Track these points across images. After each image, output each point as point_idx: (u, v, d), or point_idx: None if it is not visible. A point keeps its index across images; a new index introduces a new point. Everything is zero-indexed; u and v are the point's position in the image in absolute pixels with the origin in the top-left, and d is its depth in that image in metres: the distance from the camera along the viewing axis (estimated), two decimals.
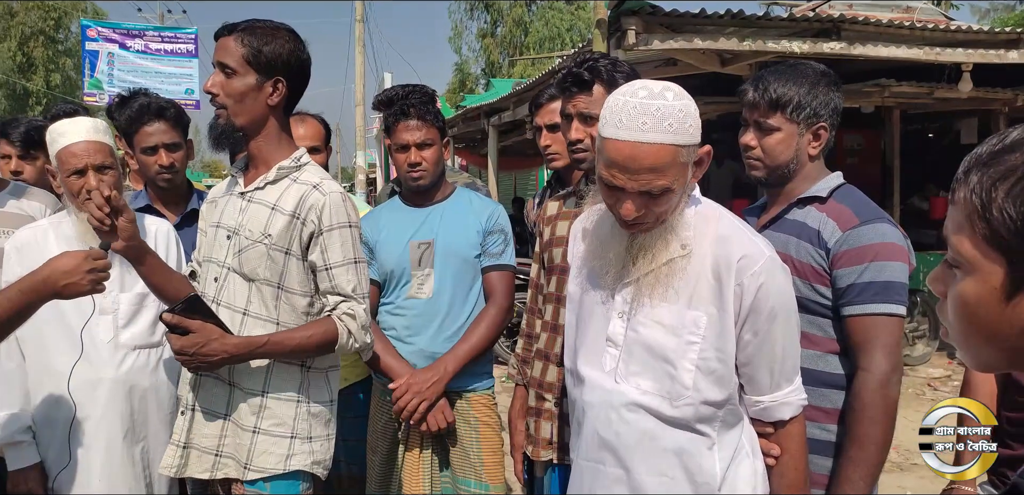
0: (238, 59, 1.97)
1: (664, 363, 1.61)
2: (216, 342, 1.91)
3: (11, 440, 2.23)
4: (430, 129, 2.63)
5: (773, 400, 1.66)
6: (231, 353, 1.93)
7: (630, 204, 1.55)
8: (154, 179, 2.74)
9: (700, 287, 1.59)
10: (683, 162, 1.53)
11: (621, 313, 1.65)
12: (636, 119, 1.49)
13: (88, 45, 16.49)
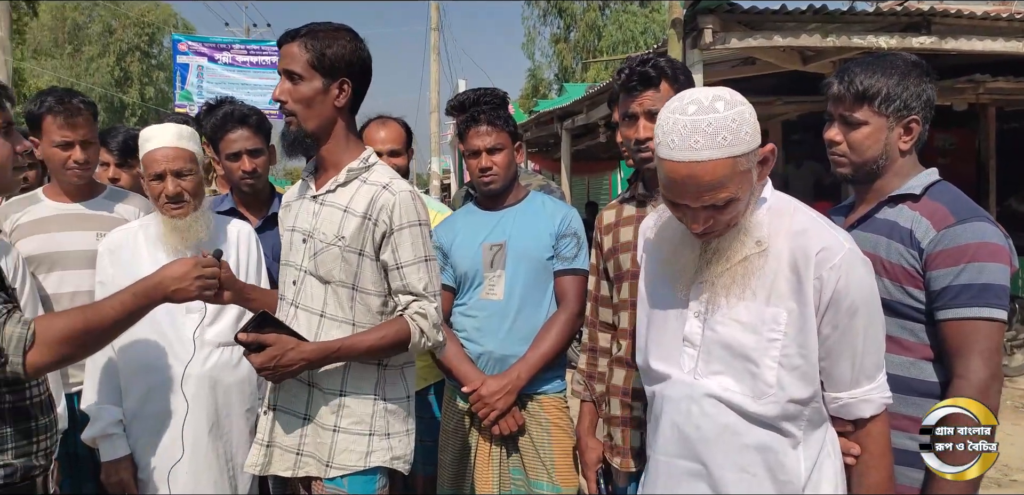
0: (303, 64, 1.99)
1: (745, 361, 1.59)
2: (292, 352, 1.95)
3: (104, 432, 2.36)
4: (500, 134, 2.64)
5: (853, 397, 1.62)
6: (308, 359, 1.97)
7: (697, 222, 1.55)
8: (238, 184, 2.85)
9: (778, 283, 1.57)
10: (743, 170, 1.51)
11: (697, 313, 1.65)
12: (689, 138, 1.48)
13: (179, 58, 17.31)
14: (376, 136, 2.98)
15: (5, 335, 1.56)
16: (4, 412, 1.66)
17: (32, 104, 2.70)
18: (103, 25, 34.77)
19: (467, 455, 2.68)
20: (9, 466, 1.65)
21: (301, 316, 2.07)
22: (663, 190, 1.58)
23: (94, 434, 2.37)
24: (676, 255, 1.69)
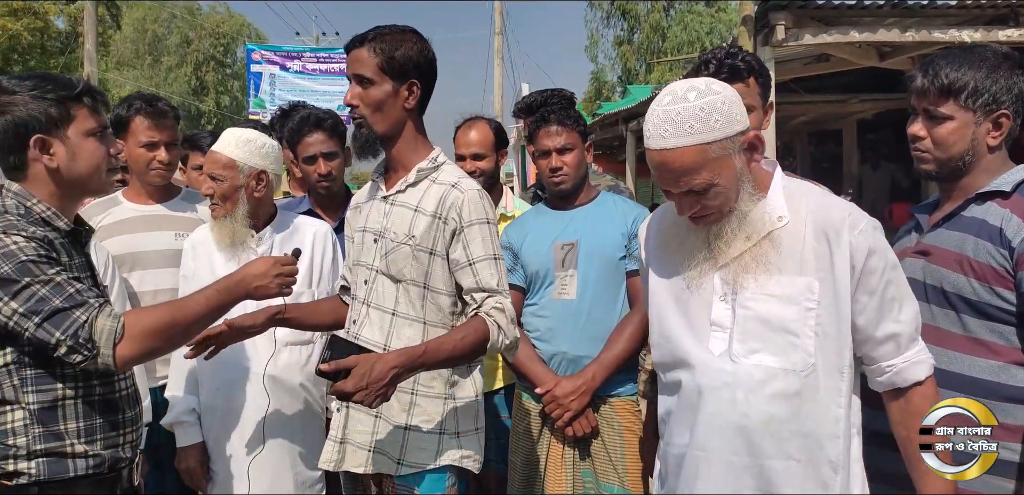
0: (373, 68, 2.01)
1: (785, 334, 1.61)
2: (379, 364, 1.84)
3: (179, 420, 2.48)
4: (570, 133, 2.63)
5: (906, 361, 1.66)
6: (397, 367, 1.86)
7: (679, 204, 1.63)
8: (314, 186, 2.92)
9: (806, 254, 1.61)
10: (717, 157, 1.57)
11: (723, 296, 1.66)
12: (660, 128, 1.57)
13: (253, 67, 17.91)
14: (464, 138, 3.02)
15: (97, 328, 1.62)
16: (94, 404, 1.73)
17: (120, 108, 2.83)
18: (181, 36, 36.17)
19: (538, 457, 2.67)
20: (98, 457, 1.72)
21: (373, 315, 2.10)
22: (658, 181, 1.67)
23: (170, 420, 2.49)
24: (684, 240, 1.72)
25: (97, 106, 1.79)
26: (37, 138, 1.71)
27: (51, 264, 1.64)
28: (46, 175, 1.73)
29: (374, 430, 2.09)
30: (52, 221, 1.73)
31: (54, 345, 1.60)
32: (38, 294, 1.59)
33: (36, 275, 1.60)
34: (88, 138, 1.76)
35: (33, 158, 1.72)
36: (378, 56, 2.01)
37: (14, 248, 1.60)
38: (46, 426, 1.67)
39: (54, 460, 1.67)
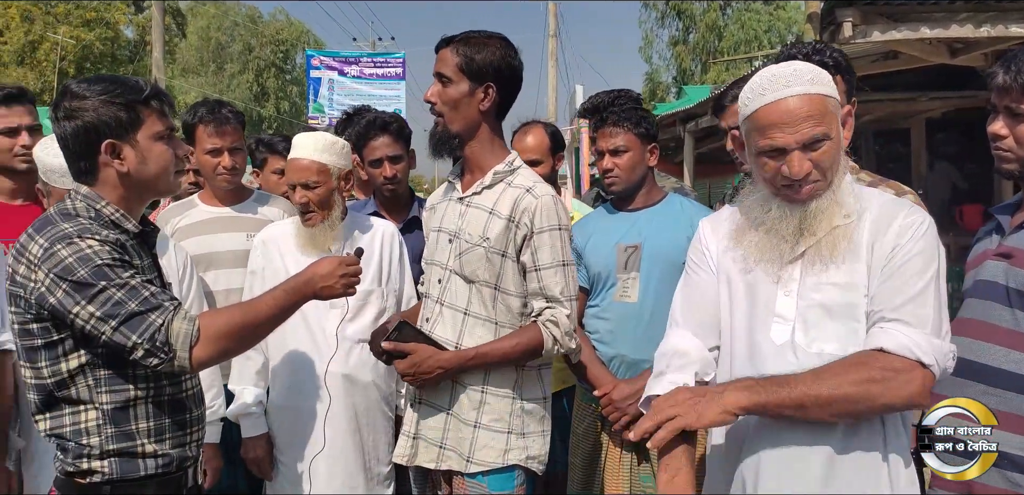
0: (453, 68, 2.08)
1: (849, 321, 1.60)
2: (430, 360, 2.06)
3: (244, 411, 2.54)
4: (627, 135, 2.61)
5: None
6: (445, 368, 2.07)
7: (796, 158, 1.59)
8: (380, 188, 2.97)
9: (860, 248, 1.62)
10: (831, 110, 1.61)
11: (788, 292, 1.65)
12: (778, 81, 1.60)
13: (312, 73, 18.30)
14: (520, 143, 3.04)
15: (173, 331, 1.63)
16: (163, 404, 1.75)
17: (187, 115, 2.92)
18: (243, 44, 37.20)
19: (597, 458, 2.66)
20: (167, 456, 1.74)
21: (446, 313, 2.13)
22: (760, 144, 1.62)
23: (236, 412, 2.55)
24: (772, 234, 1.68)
25: (164, 109, 1.79)
26: (108, 143, 1.70)
27: (125, 267, 1.64)
28: (117, 178, 1.73)
29: (445, 427, 2.12)
30: (121, 223, 1.73)
31: (131, 348, 1.61)
32: (114, 298, 1.60)
33: (112, 279, 1.60)
34: (157, 141, 1.76)
35: (104, 162, 1.71)
36: (459, 57, 2.08)
37: (89, 252, 1.61)
38: (118, 426, 1.69)
39: (126, 460, 1.70)
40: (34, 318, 1.64)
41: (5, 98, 2.57)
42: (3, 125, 2.55)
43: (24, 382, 1.72)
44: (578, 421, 2.74)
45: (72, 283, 1.58)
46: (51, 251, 1.60)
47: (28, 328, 1.65)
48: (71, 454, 1.67)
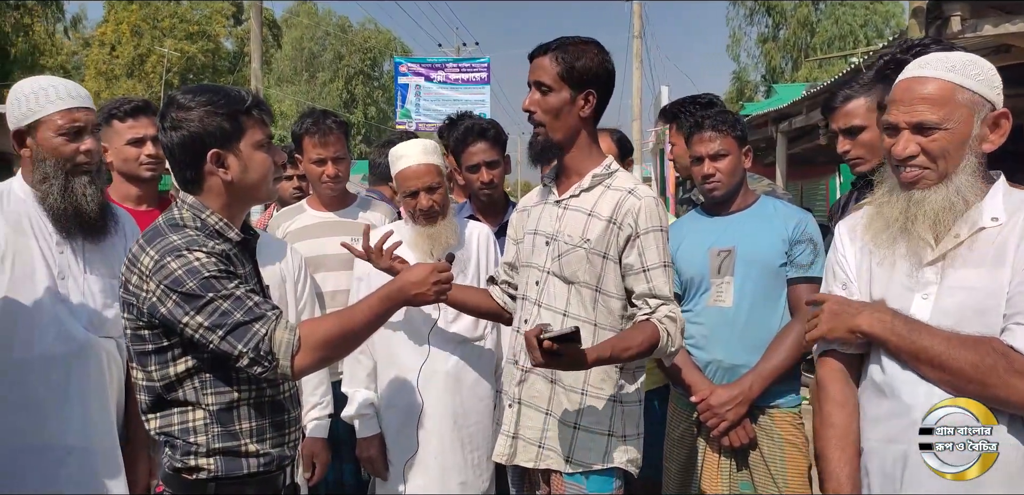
0: (553, 76, 2.09)
1: (985, 329, 1.57)
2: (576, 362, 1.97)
3: (358, 413, 2.64)
4: (726, 139, 2.59)
5: None
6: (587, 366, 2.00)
7: (903, 138, 1.60)
8: (477, 193, 3.04)
9: (1006, 252, 1.58)
10: (962, 103, 1.58)
11: (925, 294, 1.63)
12: (922, 62, 1.62)
13: (400, 79, 18.70)
14: None
15: (276, 340, 1.67)
16: (264, 406, 1.80)
17: (296, 125, 3.07)
18: (334, 52, 38.49)
19: (694, 464, 2.64)
20: (267, 455, 1.79)
21: (544, 314, 2.16)
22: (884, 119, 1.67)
23: (350, 414, 2.66)
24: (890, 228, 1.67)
25: (264, 118, 1.83)
26: (214, 152, 1.74)
27: (230, 278, 1.69)
28: (221, 187, 1.77)
29: (544, 427, 2.15)
30: (224, 232, 1.77)
31: (237, 357, 1.66)
32: (221, 308, 1.65)
33: (218, 290, 1.65)
34: (258, 150, 1.80)
35: (209, 171, 1.75)
36: (559, 65, 2.08)
37: (197, 265, 1.66)
38: (224, 426, 1.74)
39: (230, 458, 1.75)
40: (146, 325, 1.71)
41: (132, 110, 2.76)
42: (130, 136, 2.74)
43: (135, 383, 1.81)
44: (673, 426, 2.73)
45: (182, 294, 1.64)
46: (162, 263, 1.66)
47: (140, 333, 1.73)
48: (179, 452, 1.74)
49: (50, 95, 2.16)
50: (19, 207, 2.15)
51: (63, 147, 2.16)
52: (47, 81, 2.21)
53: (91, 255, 2.21)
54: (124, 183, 2.77)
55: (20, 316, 2.05)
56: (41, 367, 2.06)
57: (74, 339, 2.11)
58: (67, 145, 2.17)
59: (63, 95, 2.17)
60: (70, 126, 2.17)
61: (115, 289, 2.18)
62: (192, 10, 31.29)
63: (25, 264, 2.08)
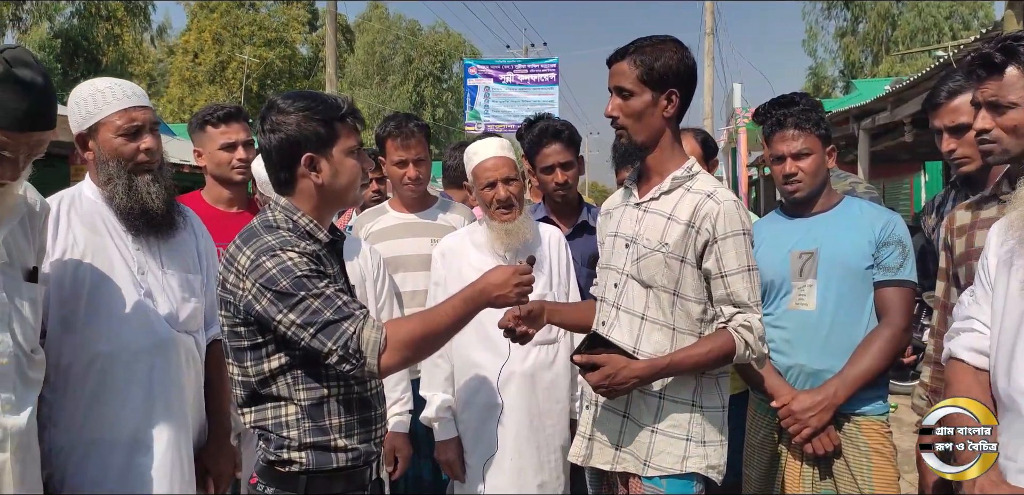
0: (633, 80, 2.07)
1: None
2: (624, 371, 2.02)
3: (437, 416, 2.68)
4: (809, 137, 2.52)
5: None
6: (639, 376, 2.04)
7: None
8: (551, 194, 3.05)
9: None
10: None
11: None
12: None
13: (469, 81, 18.88)
14: None
15: (363, 339, 1.71)
16: (352, 402, 1.84)
17: (379, 128, 3.14)
18: (404, 56, 39.13)
19: (775, 471, 2.59)
20: (355, 450, 1.84)
21: (623, 317, 2.16)
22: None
23: (429, 416, 2.71)
24: None
25: (356, 125, 1.88)
26: (308, 156, 1.79)
27: (321, 277, 1.74)
28: (312, 189, 1.82)
29: (621, 430, 2.15)
30: (314, 233, 1.83)
31: (326, 354, 1.71)
32: (312, 307, 1.70)
33: (309, 289, 1.70)
34: (348, 156, 1.84)
35: (302, 174, 1.81)
36: (638, 68, 2.07)
37: (290, 264, 1.71)
38: (314, 421, 1.79)
39: (320, 452, 1.80)
40: (242, 322, 1.78)
41: (224, 116, 2.88)
42: (223, 141, 2.85)
43: (231, 378, 1.88)
44: (754, 432, 2.67)
45: (275, 293, 1.70)
46: (257, 262, 1.72)
47: (236, 330, 1.79)
48: (273, 445, 1.80)
49: (107, 96, 2.16)
50: (91, 208, 2.19)
51: (123, 147, 2.16)
52: (103, 83, 2.21)
53: (165, 251, 2.25)
54: (217, 186, 2.89)
55: (104, 312, 2.10)
56: (125, 361, 2.11)
57: (156, 333, 2.16)
58: (127, 145, 2.16)
59: (120, 95, 2.17)
60: (129, 126, 2.16)
61: (191, 284, 2.27)
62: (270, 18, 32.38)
63: (105, 262, 2.13)
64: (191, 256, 2.32)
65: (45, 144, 1.77)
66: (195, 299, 2.28)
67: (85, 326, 2.08)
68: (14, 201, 1.82)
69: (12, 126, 1.67)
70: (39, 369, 1.91)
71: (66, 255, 2.09)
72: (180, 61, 31.59)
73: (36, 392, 1.89)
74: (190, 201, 2.73)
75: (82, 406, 2.08)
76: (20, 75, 1.65)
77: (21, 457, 1.80)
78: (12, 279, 1.83)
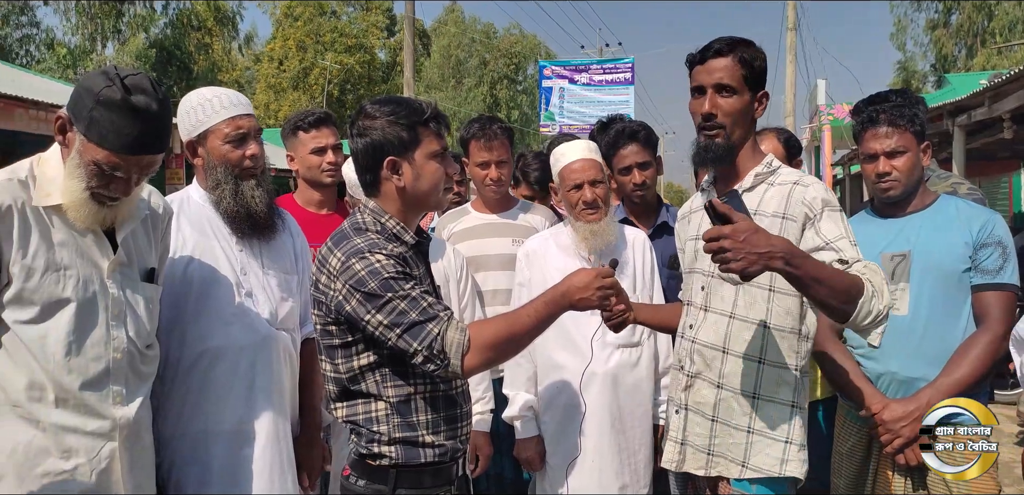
0: (738, 79, 2.05)
1: None
2: (759, 234, 1.75)
3: (519, 414, 2.72)
4: (903, 135, 2.43)
5: None
6: (776, 255, 1.73)
7: None
8: (629, 195, 3.05)
9: None
10: None
11: None
12: None
13: (544, 82, 18.91)
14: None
15: (448, 340, 1.76)
16: (438, 400, 1.89)
17: (464, 130, 3.20)
18: (479, 59, 39.51)
19: (864, 481, 2.51)
20: (442, 446, 1.89)
21: (710, 318, 2.14)
22: None
23: (511, 415, 2.75)
24: None
25: (440, 130, 1.92)
26: (389, 160, 1.85)
27: (407, 279, 1.79)
28: (395, 192, 1.88)
29: (712, 433, 2.13)
30: (401, 235, 1.88)
31: (412, 354, 1.77)
32: (399, 308, 1.76)
33: (396, 290, 1.76)
34: (431, 160, 1.89)
35: (385, 177, 1.87)
36: (742, 67, 2.05)
37: (378, 266, 1.77)
38: (403, 417, 1.85)
39: (409, 447, 1.86)
40: (333, 321, 1.84)
41: (315, 122, 2.99)
42: (314, 145, 2.97)
43: (323, 374, 1.96)
44: (842, 440, 2.60)
45: (364, 294, 1.76)
46: (347, 264, 1.79)
47: (328, 329, 1.86)
48: (364, 439, 1.87)
49: (215, 105, 2.25)
50: (199, 211, 2.30)
51: (230, 154, 2.25)
52: (211, 92, 2.30)
53: (266, 253, 2.35)
54: (308, 189, 3.01)
55: (210, 309, 2.22)
56: (230, 356, 2.22)
57: (257, 331, 2.26)
58: (234, 152, 2.25)
59: (227, 104, 2.26)
60: (235, 133, 2.26)
61: (289, 284, 2.37)
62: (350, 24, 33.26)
63: (211, 262, 2.25)
64: (289, 257, 2.42)
65: (157, 165, 1.88)
66: (292, 298, 2.38)
67: (192, 323, 2.20)
68: (132, 208, 1.94)
69: (123, 149, 1.78)
70: (152, 363, 2.04)
71: (176, 255, 2.22)
72: (266, 68, 32.81)
73: (148, 385, 2.01)
74: (284, 203, 2.84)
75: (189, 399, 2.20)
76: (136, 102, 1.76)
77: (130, 447, 1.92)
78: (130, 278, 1.96)
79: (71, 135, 1.81)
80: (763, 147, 2.92)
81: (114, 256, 1.91)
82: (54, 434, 1.81)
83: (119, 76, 1.78)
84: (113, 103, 1.75)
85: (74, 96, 1.82)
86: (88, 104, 1.76)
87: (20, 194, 1.81)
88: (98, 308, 1.87)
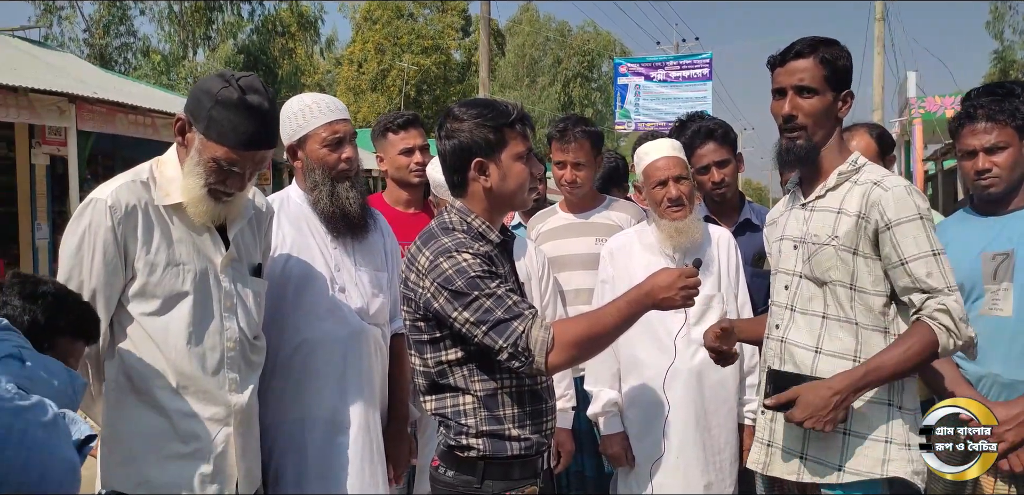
0: (819, 80, 2.04)
1: None
2: (822, 390, 1.95)
3: (603, 411, 2.74)
4: (1004, 130, 2.35)
5: None
6: (839, 393, 1.95)
7: None
8: (709, 194, 3.03)
9: None
10: None
11: None
12: None
13: (619, 80, 18.74)
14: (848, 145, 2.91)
15: (532, 338, 1.80)
16: (523, 395, 1.93)
17: (550, 129, 3.23)
18: (553, 57, 39.54)
19: (963, 488, 2.43)
20: (527, 440, 1.93)
21: (799, 319, 2.12)
22: None
23: (595, 411, 2.77)
24: None
25: (526, 131, 1.95)
26: (477, 161, 1.89)
27: (493, 278, 1.83)
28: (482, 193, 1.91)
29: (805, 436, 2.10)
30: (487, 235, 1.92)
31: (497, 351, 1.80)
32: (484, 306, 1.80)
33: (482, 289, 1.80)
34: (516, 161, 1.92)
35: (472, 178, 1.90)
36: (824, 67, 2.04)
37: (465, 265, 1.82)
38: (490, 411, 1.89)
39: (496, 440, 1.89)
40: (422, 318, 1.90)
41: (404, 123, 3.09)
42: (402, 146, 3.06)
43: (413, 369, 2.03)
44: None
45: (451, 292, 1.81)
46: (435, 263, 1.84)
47: (417, 325, 1.92)
48: (453, 431, 1.92)
49: (314, 111, 2.36)
50: (297, 210, 2.42)
51: (328, 157, 2.35)
52: (310, 99, 2.41)
53: (359, 251, 2.45)
54: (396, 189, 3.11)
55: (307, 303, 2.34)
56: (324, 347, 2.33)
57: (349, 324, 2.36)
58: (331, 155, 2.35)
59: (325, 110, 2.37)
60: (332, 137, 2.36)
61: (380, 281, 2.46)
62: (427, 26, 33.84)
63: (308, 259, 2.37)
64: (380, 255, 2.52)
65: (268, 160, 2.03)
66: (383, 295, 2.48)
67: (291, 315, 2.33)
68: (243, 206, 2.08)
69: (240, 145, 1.92)
70: (260, 353, 2.17)
71: (276, 252, 2.34)
72: (346, 71, 33.73)
73: (257, 375, 2.15)
74: (373, 203, 2.93)
75: (289, 387, 2.32)
76: (250, 101, 1.91)
77: (243, 431, 2.07)
78: (240, 273, 2.10)
79: (191, 135, 1.96)
80: (854, 143, 2.87)
81: (226, 252, 2.05)
82: (177, 419, 1.96)
83: (235, 78, 1.91)
84: (230, 103, 1.88)
85: (192, 98, 1.96)
86: (207, 105, 1.90)
87: (143, 195, 1.97)
88: (212, 301, 2.02)
